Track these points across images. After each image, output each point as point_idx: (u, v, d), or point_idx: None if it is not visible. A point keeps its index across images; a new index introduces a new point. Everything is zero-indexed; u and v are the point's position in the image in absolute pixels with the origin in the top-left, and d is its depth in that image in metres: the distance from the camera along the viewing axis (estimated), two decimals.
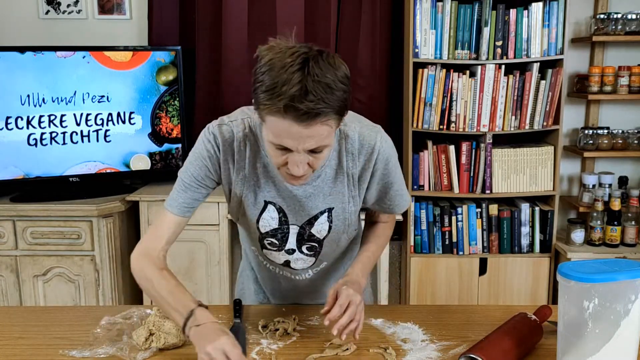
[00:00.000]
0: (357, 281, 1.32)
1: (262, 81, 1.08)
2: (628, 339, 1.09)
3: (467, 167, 2.88)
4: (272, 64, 1.07)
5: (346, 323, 1.23)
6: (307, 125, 1.08)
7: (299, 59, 1.06)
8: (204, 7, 3.00)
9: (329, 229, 1.37)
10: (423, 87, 2.81)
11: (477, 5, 2.76)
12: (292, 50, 1.08)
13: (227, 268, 2.87)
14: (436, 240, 2.93)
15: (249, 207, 1.35)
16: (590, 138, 2.93)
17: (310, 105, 1.05)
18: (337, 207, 1.35)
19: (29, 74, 2.71)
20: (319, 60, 1.07)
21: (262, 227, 1.37)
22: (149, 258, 1.32)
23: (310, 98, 1.05)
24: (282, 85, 1.05)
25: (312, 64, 1.06)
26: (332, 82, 1.07)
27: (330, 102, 1.07)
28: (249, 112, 1.33)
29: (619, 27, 2.83)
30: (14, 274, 2.77)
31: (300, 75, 1.05)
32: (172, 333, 1.28)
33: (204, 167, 1.32)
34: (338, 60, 1.11)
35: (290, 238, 1.38)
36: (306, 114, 1.06)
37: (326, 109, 1.07)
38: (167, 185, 2.98)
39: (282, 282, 1.52)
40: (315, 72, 1.06)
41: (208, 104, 3.09)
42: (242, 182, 1.32)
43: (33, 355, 1.28)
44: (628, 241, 2.86)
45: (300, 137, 1.10)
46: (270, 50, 1.11)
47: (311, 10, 3.01)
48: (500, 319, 1.35)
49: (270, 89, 1.06)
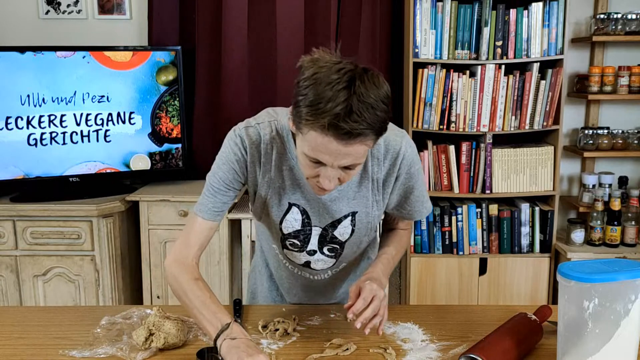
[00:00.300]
0: (379, 279, 1.33)
1: (306, 95, 1.07)
2: (628, 339, 1.09)
3: (467, 167, 2.88)
4: (317, 79, 1.07)
5: (370, 316, 1.23)
6: (347, 143, 1.08)
7: (345, 76, 1.06)
8: (204, 7, 3.00)
9: (351, 232, 1.38)
10: (423, 87, 2.81)
11: (477, 5, 2.76)
12: (338, 67, 1.08)
13: (227, 268, 2.87)
14: (436, 240, 2.93)
15: (273, 208, 1.35)
16: (590, 138, 2.93)
17: (353, 126, 1.05)
18: (360, 212, 1.36)
19: (29, 74, 2.71)
20: (365, 79, 1.07)
21: (284, 229, 1.38)
22: (183, 266, 1.32)
23: (354, 118, 1.05)
24: (327, 102, 1.04)
25: (359, 83, 1.06)
26: (375, 102, 1.07)
27: (372, 122, 1.07)
28: (275, 114, 1.33)
29: (619, 27, 2.83)
30: (14, 274, 2.77)
31: (346, 94, 1.04)
32: (172, 333, 1.28)
33: (232, 171, 1.31)
34: (382, 79, 1.11)
35: (312, 239, 1.39)
36: (348, 134, 1.06)
37: (367, 129, 1.07)
38: (167, 185, 3.00)
39: (299, 282, 1.53)
40: (361, 91, 1.05)
41: (208, 104, 3.09)
42: (267, 184, 1.33)
43: (33, 355, 1.28)
44: (628, 241, 2.86)
45: (338, 154, 1.10)
46: (315, 63, 1.10)
47: (311, 10, 3.01)
48: (500, 319, 1.35)
49: (314, 104, 1.06)
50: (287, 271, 1.52)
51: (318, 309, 1.50)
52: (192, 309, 1.26)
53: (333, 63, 1.09)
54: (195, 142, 3.11)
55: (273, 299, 1.63)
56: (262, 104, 3.18)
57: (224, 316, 1.22)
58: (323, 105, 1.05)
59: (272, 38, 3.02)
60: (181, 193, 2.83)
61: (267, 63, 3.05)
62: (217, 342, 1.18)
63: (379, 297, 1.25)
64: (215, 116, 3.09)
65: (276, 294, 1.63)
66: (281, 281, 1.59)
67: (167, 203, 2.81)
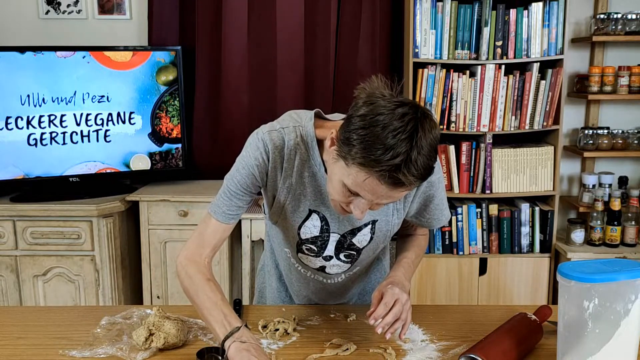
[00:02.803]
0: (402, 282, 1.31)
1: (363, 136, 1.03)
2: (628, 339, 1.09)
3: (467, 167, 2.88)
4: (377, 122, 1.03)
5: (392, 321, 1.22)
6: (397, 190, 1.07)
7: (409, 126, 1.02)
8: (204, 7, 3.00)
9: (370, 240, 1.37)
10: (423, 87, 2.81)
11: (477, 5, 2.76)
12: (401, 112, 1.03)
13: (227, 268, 2.87)
14: (436, 241, 2.93)
15: (292, 214, 1.33)
16: (590, 138, 2.93)
17: (410, 179, 1.03)
18: (381, 220, 1.34)
19: (29, 74, 2.71)
20: (426, 128, 1.04)
21: (303, 234, 1.36)
22: (196, 265, 1.31)
23: (412, 171, 1.02)
24: (386, 150, 1.01)
25: (421, 134, 1.03)
26: (430, 152, 1.04)
27: (426, 174, 1.06)
28: (299, 119, 1.30)
29: (619, 27, 2.83)
30: (14, 274, 2.77)
31: (408, 145, 1.01)
32: (172, 333, 1.28)
33: (251, 175, 1.29)
34: (435, 123, 1.07)
35: (330, 245, 1.38)
36: (401, 184, 1.05)
37: (420, 180, 1.06)
38: (167, 185, 3.00)
39: (311, 285, 1.51)
40: (422, 143, 1.02)
41: (208, 104, 3.09)
42: (287, 189, 1.31)
43: (33, 355, 1.28)
44: (628, 241, 2.86)
45: (380, 195, 1.09)
46: (373, 99, 1.06)
47: (311, 10, 3.01)
48: (500, 319, 1.35)
49: (372, 149, 1.02)
50: (298, 274, 1.50)
51: (318, 309, 1.50)
52: (203, 309, 1.26)
53: (394, 105, 1.04)
54: (195, 142, 3.11)
55: (282, 300, 1.61)
56: (262, 104, 3.21)
57: (234, 319, 1.22)
58: (381, 153, 1.01)
59: (272, 38, 3.02)
60: (181, 193, 2.82)
61: (267, 63, 3.05)
62: (225, 343, 1.18)
63: (401, 301, 1.23)
64: (215, 116, 3.09)
65: (285, 295, 1.62)
66: (291, 283, 1.57)
67: (167, 203, 2.81)
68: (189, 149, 3.08)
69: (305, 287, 1.53)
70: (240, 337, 1.17)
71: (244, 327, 1.20)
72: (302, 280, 1.51)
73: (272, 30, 3.02)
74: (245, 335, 1.18)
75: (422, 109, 1.07)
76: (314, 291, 1.53)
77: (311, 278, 1.49)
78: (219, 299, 1.25)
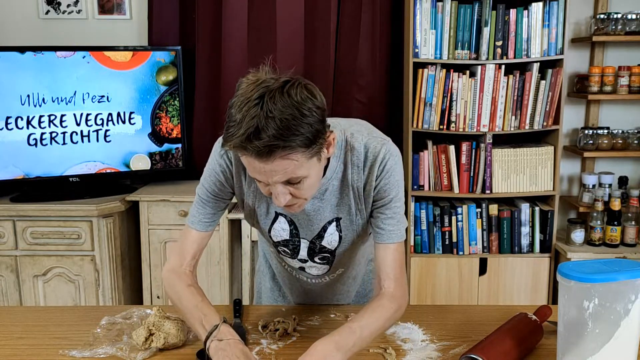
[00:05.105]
0: (324, 356, 1.09)
1: (228, 116, 1.07)
2: (628, 339, 1.09)
3: (467, 167, 2.88)
4: (235, 101, 1.06)
5: None
6: (266, 161, 1.05)
7: (256, 94, 1.03)
8: (204, 7, 3.00)
9: (339, 239, 1.36)
10: (423, 87, 2.81)
11: (477, 5, 2.76)
12: (254, 85, 1.05)
13: (227, 268, 2.87)
14: (436, 241, 2.93)
15: (261, 217, 1.35)
16: (590, 138, 2.93)
17: (259, 145, 1.02)
18: (344, 218, 1.33)
19: (29, 74, 2.71)
20: (276, 94, 1.03)
21: (274, 237, 1.38)
22: (176, 275, 1.34)
23: (261, 136, 1.01)
24: (238, 123, 1.03)
25: (267, 100, 1.02)
26: (283, 114, 1.02)
27: (286, 137, 1.02)
28: None
29: (619, 27, 2.83)
30: (14, 274, 2.77)
31: (255, 113, 1.02)
32: (172, 333, 1.28)
33: (218, 182, 1.31)
34: (302, 89, 1.05)
35: (302, 251, 1.39)
36: (260, 152, 1.03)
37: (282, 145, 1.03)
38: (167, 185, 3.00)
39: (300, 283, 1.53)
40: (269, 107, 1.02)
41: (208, 104, 3.09)
42: (253, 193, 1.32)
43: (33, 355, 1.28)
44: (628, 241, 2.86)
45: (264, 171, 1.08)
46: (242, 83, 1.08)
47: (311, 10, 3.01)
48: (500, 319, 1.35)
49: (229, 129, 1.05)
50: (286, 272, 1.53)
51: (318, 309, 1.50)
52: (186, 314, 1.27)
53: (255, 83, 1.06)
54: (195, 142, 3.11)
55: (275, 299, 1.63)
56: None
57: (212, 318, 1.22)
58: (235, 127, 1.03)
59: (272, 38, 3.02)
60: (181, 193, 2.83)
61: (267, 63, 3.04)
62: (206, 344, 1.18)
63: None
64: (215, 116, 3.08)
65: (278, 294, 1.63)
66: (283, 281, 1.59)
67: (167, 203, 2.81)
68: (189, 149, 3.08)
69: (296, 284, 1.54)
70: (217, 335, 1.18)
71: (223, 324, 1.20)
72: (292, 279, 1.53)
73: (272, 30, 3.02)
74: (223, 332, 1.18)
75: (287, 79, 1.06)
76: (304, 289, 1.54)
77: (297, 277, 1.51)
78: (199, 301, 1.27)
